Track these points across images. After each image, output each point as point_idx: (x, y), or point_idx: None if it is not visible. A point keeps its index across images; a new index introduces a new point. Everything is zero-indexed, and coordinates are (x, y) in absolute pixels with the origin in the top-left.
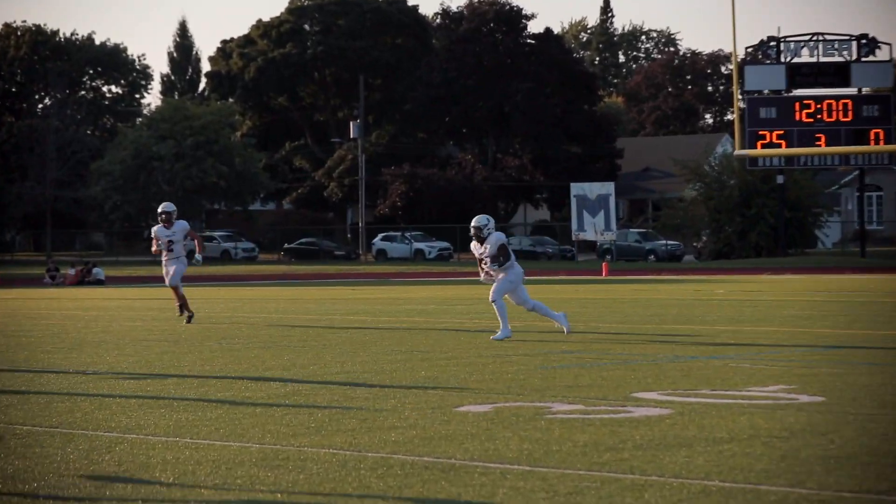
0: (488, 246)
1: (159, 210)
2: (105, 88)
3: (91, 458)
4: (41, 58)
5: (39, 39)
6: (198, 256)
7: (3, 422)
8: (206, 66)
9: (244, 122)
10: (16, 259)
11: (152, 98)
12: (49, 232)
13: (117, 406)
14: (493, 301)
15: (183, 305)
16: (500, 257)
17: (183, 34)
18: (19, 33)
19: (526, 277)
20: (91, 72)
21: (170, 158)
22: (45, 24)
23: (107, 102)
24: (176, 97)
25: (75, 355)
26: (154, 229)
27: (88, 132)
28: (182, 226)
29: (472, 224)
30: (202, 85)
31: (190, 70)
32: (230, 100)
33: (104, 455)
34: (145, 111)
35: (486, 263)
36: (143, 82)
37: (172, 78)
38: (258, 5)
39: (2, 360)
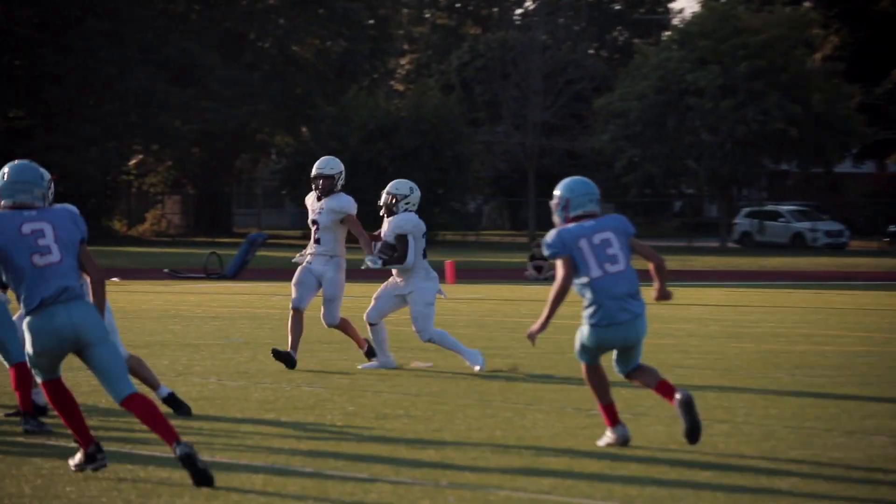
0: (386, 226)
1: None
2: None
3: None
4: None
5: None
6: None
7: None
8: None
9: (828, 38)
10: (483, 239)
11: (687, 1)
12: (532, 201)
13: None
14: (427, 340)
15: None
16: (392, 251)
17: None
18: None
19: None
20: None
21: (713, 93)
22: None
23: (618, 7)
24: (722, 0)
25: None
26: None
27: (590, 52)
28: (343, 202)
29: (388, 189)
30: None
31: None
32: (805, 4)
33: None
34: (675, 21)
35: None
36: None
37: None
38: None
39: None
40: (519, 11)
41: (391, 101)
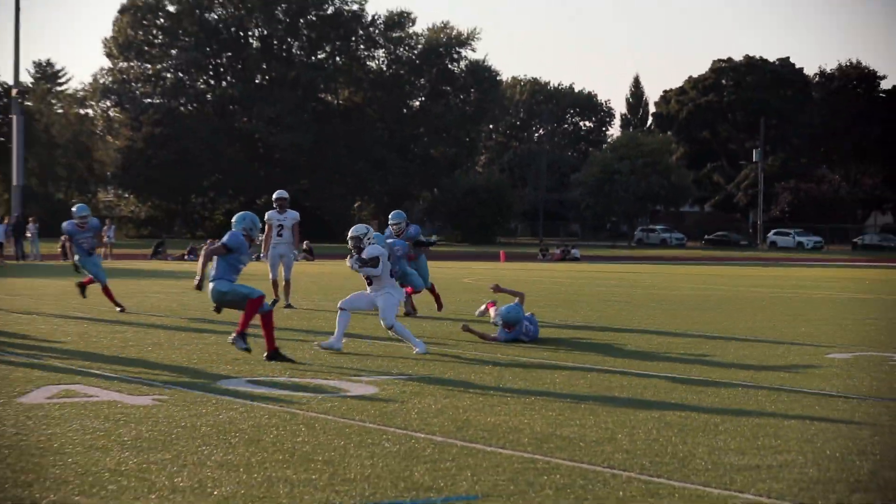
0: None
1: (275, 196)
2: (581, 124)
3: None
4: (538, 101)
5: (536, 88)
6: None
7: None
8: (652, 108)
9: (679, 148)
10: (518, 241)
11: (614, 130)
12: (541, 223)
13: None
14: (389, 327)
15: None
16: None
17: (636, 85)
18: (522, 84)
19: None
20: (572, 111)
21: (626, 173)
22: (539, 77)
23: (583, 133)
24: (630, 130)
25: (561, 310)
26: (268, 214)
27: (569, 154)
28: (293, 215)
29: (350, 234)
30: (650, 121)
31: (641, 111)
32: (669, 133)
33: None
34: (609, 140)
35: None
36: (608, 119)
37: (629, 116)
38: (689, 65)
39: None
40: (536, 135)
41: (475, 177)
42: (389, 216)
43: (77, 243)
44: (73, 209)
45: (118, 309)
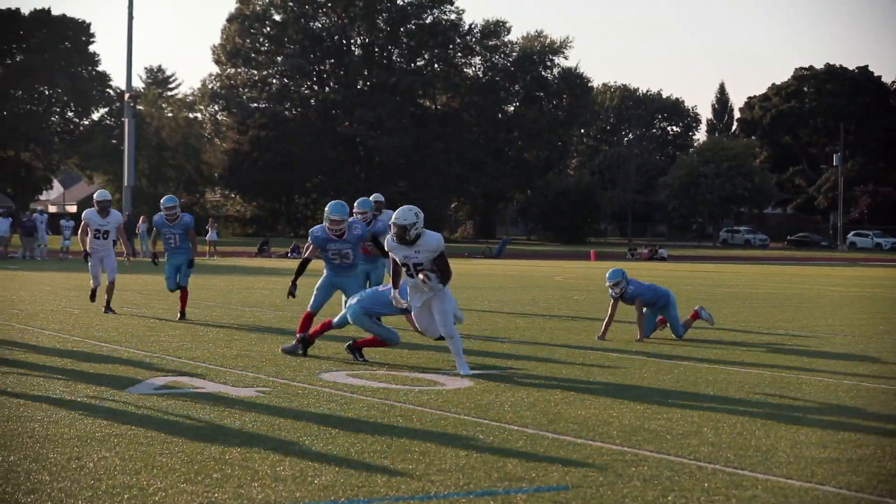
0: (420, 250)
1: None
2: (669, 128)
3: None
4: (627, 106)
5: (626, 95)
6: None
7: None
8: (737, 114)
9: (762, 153)
10: (607, 242)
11: (700, 135)
12: (630, 224)
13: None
14: (451, 336)
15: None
16: (440, 270)
17: (721, 92)
18: (612, 90)
19: None
20: (660, 116)
21: (711, 176)
22: (629, 83)
23: (670, 137)
24: (716, 135)
25: None
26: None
27: (657, 158)
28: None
29: (395, 221)
30: (734, 127)
31: (726, 117)
32: (752, 137)
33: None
34: (695, 144)
35: (421, 273)
36: (695, 124)
37: (714, 122)
38: (772, 73)
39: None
40: (626, 139)
41: (567, 179)
42: (356, 203)
43: (164, 238)
44: (162, 200)
45: (179, 316)
